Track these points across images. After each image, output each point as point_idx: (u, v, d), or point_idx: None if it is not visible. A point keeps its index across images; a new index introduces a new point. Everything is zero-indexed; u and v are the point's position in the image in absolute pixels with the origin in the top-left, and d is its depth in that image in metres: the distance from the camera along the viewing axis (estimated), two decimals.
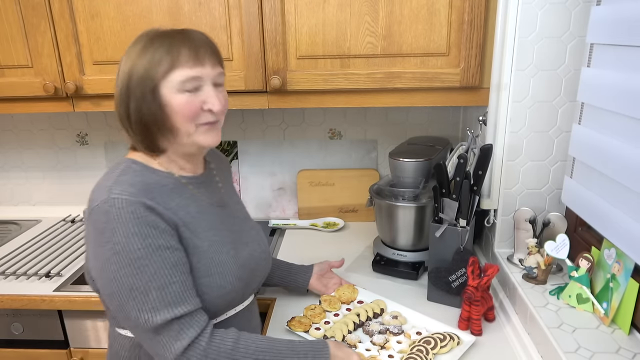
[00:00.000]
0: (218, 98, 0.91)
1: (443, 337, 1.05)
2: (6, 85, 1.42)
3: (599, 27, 0.99)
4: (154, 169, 0.94)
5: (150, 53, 0.87)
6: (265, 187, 1.83)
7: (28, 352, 1.42)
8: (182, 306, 0.85)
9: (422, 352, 1.01)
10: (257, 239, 1.09)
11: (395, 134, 1.77)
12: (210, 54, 0.91)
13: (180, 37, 0.89)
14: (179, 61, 0.87)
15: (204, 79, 0.90)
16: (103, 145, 1.86)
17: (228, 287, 0.94)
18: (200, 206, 0.97)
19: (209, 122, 0.92)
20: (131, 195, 0.84)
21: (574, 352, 0.90)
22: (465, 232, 1.17)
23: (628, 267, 0.94)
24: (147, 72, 0.87)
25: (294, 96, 1.38)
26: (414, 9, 1.27)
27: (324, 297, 1.24)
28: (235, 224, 1.05)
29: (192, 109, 0.89)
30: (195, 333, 0.85)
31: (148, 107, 0.88)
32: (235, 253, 0.99)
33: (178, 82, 0.87)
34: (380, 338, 1.08)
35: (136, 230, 0.83)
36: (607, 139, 0.97)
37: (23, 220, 1.87)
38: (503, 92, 1.21)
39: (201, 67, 0.89)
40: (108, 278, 0.84)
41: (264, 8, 1.30)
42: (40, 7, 1.33)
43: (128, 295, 0.83)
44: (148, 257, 0.83)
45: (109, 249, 0.82)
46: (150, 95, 0.88)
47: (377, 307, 1.18)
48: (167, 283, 0.84)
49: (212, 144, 0.95)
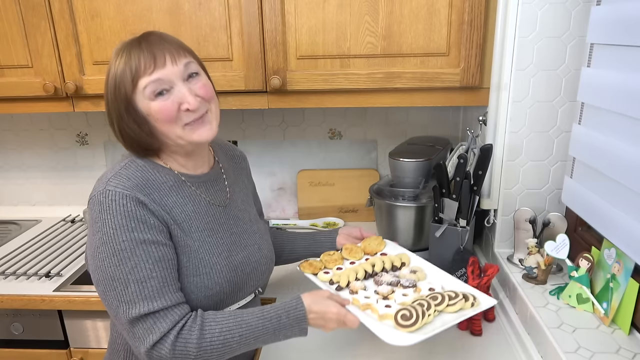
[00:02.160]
0: (193, 93, 0.89)
1: (454, 295, 0.94)
2: (6, 85, 1.42)
3: (599, 27, 0.99)
4: (156, 165, 0.95)
5: (114, 69, 0.89)
6: (265, 187, 1.83)
7: (28, 352, 1.42)
8: (159, 300, 0.85)
9: (423, 306, 0.91)
10: (259, 242, 1.07)
11: (395, 134, 1.76)
12: (169, 50, 0.89)
13: (136, 45, 0.89)
14: (138, 70, 0.87)
15: (170, 79, 0.88)
16: (103, 145, 1.86)
17: (215, 289, 0.94)
18: (199, 206, 0.97)
19: (194, 119, 0.91)
20: (125, 189, 0.87)
21: (574, 352, 0.90)
22: (465, 232, 1.17)
23: (628, 267, 0.94)
24: (118, 89, 0.88)
25: (294, 96, 1.38)
26: (414, 9, 1.27)
27: (346, 245, 1.17)
28: (237, 226, 1.04)
29: (169, 113, 0.88)
30: (168, 327, 0.85)
31: (128, 124, 0.90)
32: (228, 255, 0.98)
33: (143, 90, 0.87)
34: (386, 289, 1.01)
35: (124, 222, 0.85)
36: (607, 139, 0.97)
37: (23, 220, 1.87)
38: (503, 92, 1.21)
39: (161, 69, 0.87)
40: (95, 265, 0.87)
41: (264, 8, 1.30)
42: (40, 8, 1.33)
43: (110, 285, 0.85)
44: (131, 249, 0.85)
45: (98, 238, 0.85)
46: (126, 113, 0.89)
47: (398, 261, 1.11)
48: (146, 277, 0.85)
49: (205, 138, 0.92)
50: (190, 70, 0.91)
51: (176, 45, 0.91)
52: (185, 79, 0.90)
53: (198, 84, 0.91)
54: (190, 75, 0.91)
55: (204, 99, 0.92)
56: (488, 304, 0.94)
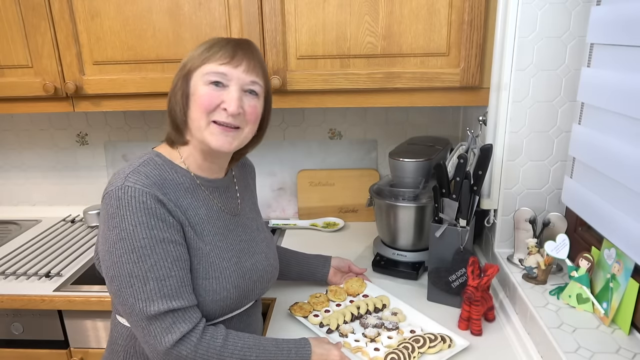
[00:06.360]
0: (237, 101, 0.91)
1: (434, 338, 1.04)
2: (6, 85, 1.42)
3: (599, 27, 0.99)
4: (174, 165, 0.96)
5: (194, 50, 0.94)
6: (265, 187, 1.83)
7: (28, 352, 1.42)
8: (178, 300, 0.86)
9: (408, 349, 1.01)
10: (266, 251, 1.09)
11: (395, 134, 1.77)
12: (249, 60, 0.93)
13: (225, 41, 0.93)
14: (214, 56, 0.91)
15: (231, 79, 0.91)
16: (103, 145, 1.86)
17: (223, 293, 0.95)
18: (211, 210, 0.99)
19: (223, 123, 0.92)
20: (145, 186, 0.87)
21: (574, 352, 0.90)
22: (465, 232, 1.17)
23: (628, 267, 0.94)
24: (188, 61, 0.93)
25: (294, 96, 1.38)
26: (414, 9, 1.27)
27: (331, 287, 1.27)
28: (246, 234, 1.05)
29: (209, 101, 0.90)
30: (188, 328, 0.86)
31: (174, 94, 0.94)
32: (238, 261, 0.99)
33: (205, 73, 0.91)
34: (373, 331, 1.09)
35: (144, 219, 0.85)
36: (607, 139, 0.97)
37: (23, 220, 1.87)
38: (503, 92, 1.21)
39: (232, 67, 0.91)
40: (112, 261, 0.86)
41: (264, 8, 1.30)
42: (40, 8, 1.33)
43: (127, 282, 0.85)
44: (151, 247, 0.85)
45: (116, 234, 0.85)
46: (182, 80, 0.94)
47: (380, 302, 1.20)
48: (166, 275, 0.85)
49: (218, 146, 0.93)
50: (253, 88, 0.94)
51: (258, 62, 0.95)
52: (244, 90, 0.93)
53: (250, 102, 0.94)
54: (250, 92, 0.94)
55: (245, 116, 0.94)
56: (462, 346, 1.04)
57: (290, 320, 1.18)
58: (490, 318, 1.15)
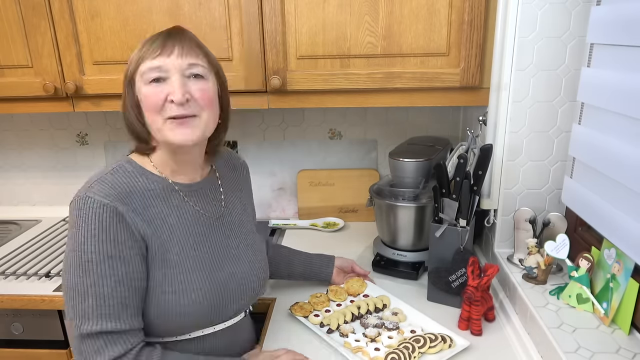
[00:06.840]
0: (180, 88, 0.86)
1: (434, 338, 1.04)
2: (6, 85, 1.42)
3: (599, 27, 0.99)
4: (146, 171, 0.93)
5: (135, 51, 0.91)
6: (265, 187, 1.83)
7: (28, 352, 1.42)
8: (114, 322, 0.83)
9: (409, 349, 1.01)
10: (252, 258, 1.04)
11: (395, 134, 1.77)
12: (181, 43, 0.88)
13: (164, 33, 0.90)
14: (147, 53, 0.88)
15: (169, 69, 0.87)
16: (103, 145, 1.86)
17: (191, 307, 0.91)
18: (185, 216, 0.95)
19: (177, 115, 0.87)
20: (105, 197, 0.84)
21: (574, 352, 0.90)
22: (465, 232, 1.17)
23: (628, 267, 0.94)
24: (128, 67, 0.91)
25: (294, 96, 1.38)
26: (414, 9, 1.27)
27: (331, 287, 1.27)
28: (229, 239, 1.01)
29: (155, 100, 0.87)
30: (119, 352, 0.82)
31: (126, 106, 0.92)
32: (211, 272, 0.95)
33: (143, 73, 0.88)
34: (373, 331, 1.09)
35: (96, 233, 0.83)
36: (607, 139, 0.97)
37: (23, 220, 1.87)
38: (503, 92, 1.21)
39: (165, 57, 0.87)
40: (63, 270, 0.86)
41: (264, 8, 1.30)
42: (40, 7, 1.33)
43: (69, 294, 0.84)
44: (98, 262, 0.82)
45: (71, 243, 0.84)
46: (128, 88, 0.91)
47: (380, 302, 1.20)
48: (107, 295, 0.82)
49: (180, 141, 0.88)
50: (194, 71, 0.89)
51: (192, 43, 0.90)
52: (186, 76, 0.89)
53: (197, 85, 0.89)
54: (194, 76, 0.89)
55: (198, 101, 0.89)
56: (463, 346, 1.04)
57: (291, 320, 1.18)
58: (490, 318, 1.15)
